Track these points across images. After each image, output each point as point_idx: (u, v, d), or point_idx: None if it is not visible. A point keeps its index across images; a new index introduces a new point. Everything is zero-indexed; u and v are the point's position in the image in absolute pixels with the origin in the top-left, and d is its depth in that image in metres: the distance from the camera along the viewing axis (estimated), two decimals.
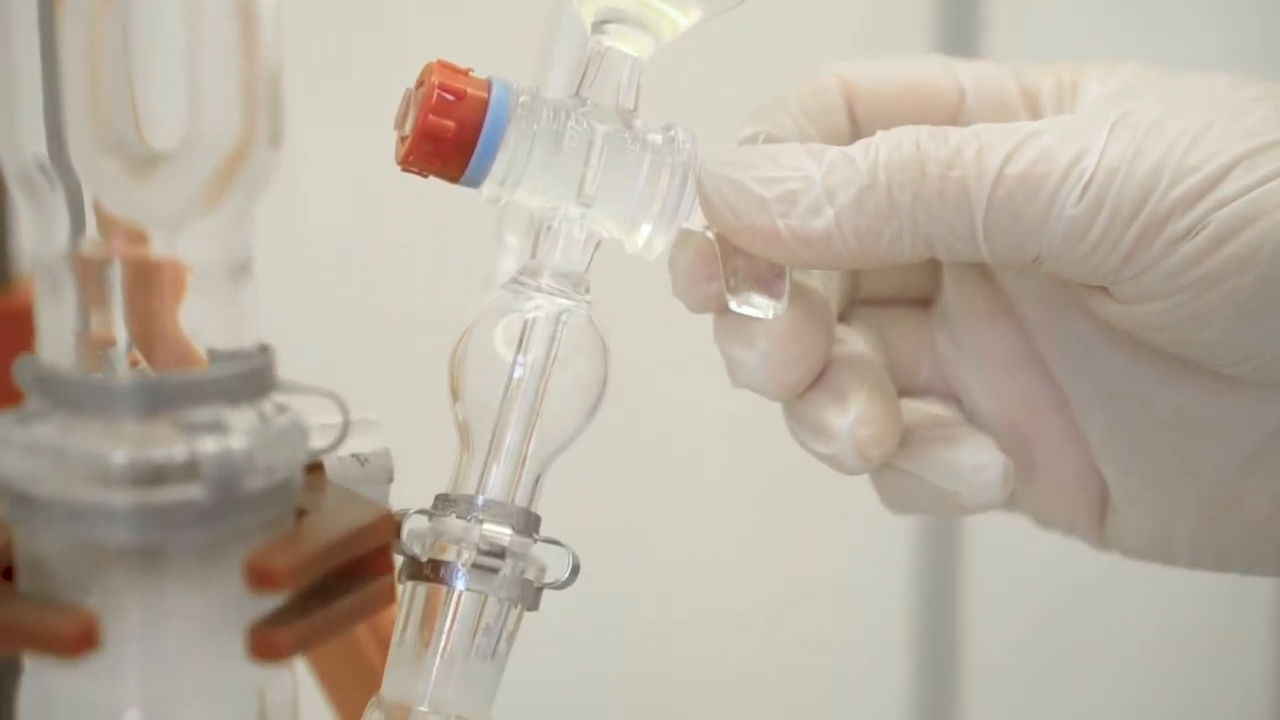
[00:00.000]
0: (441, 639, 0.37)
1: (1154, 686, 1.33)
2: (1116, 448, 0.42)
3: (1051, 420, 0.43)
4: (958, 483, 0.41)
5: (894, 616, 1.26)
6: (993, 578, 1.27)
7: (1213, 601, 1.32)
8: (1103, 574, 1.29)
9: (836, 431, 0.40)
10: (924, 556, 1.26)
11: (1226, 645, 1.33)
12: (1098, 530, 0.43)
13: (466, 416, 0.39)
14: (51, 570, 0.31)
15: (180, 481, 0.31)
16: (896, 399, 0.41)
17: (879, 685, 1.27)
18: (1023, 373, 0.43)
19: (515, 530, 0.38)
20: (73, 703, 0.32)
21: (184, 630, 0.32)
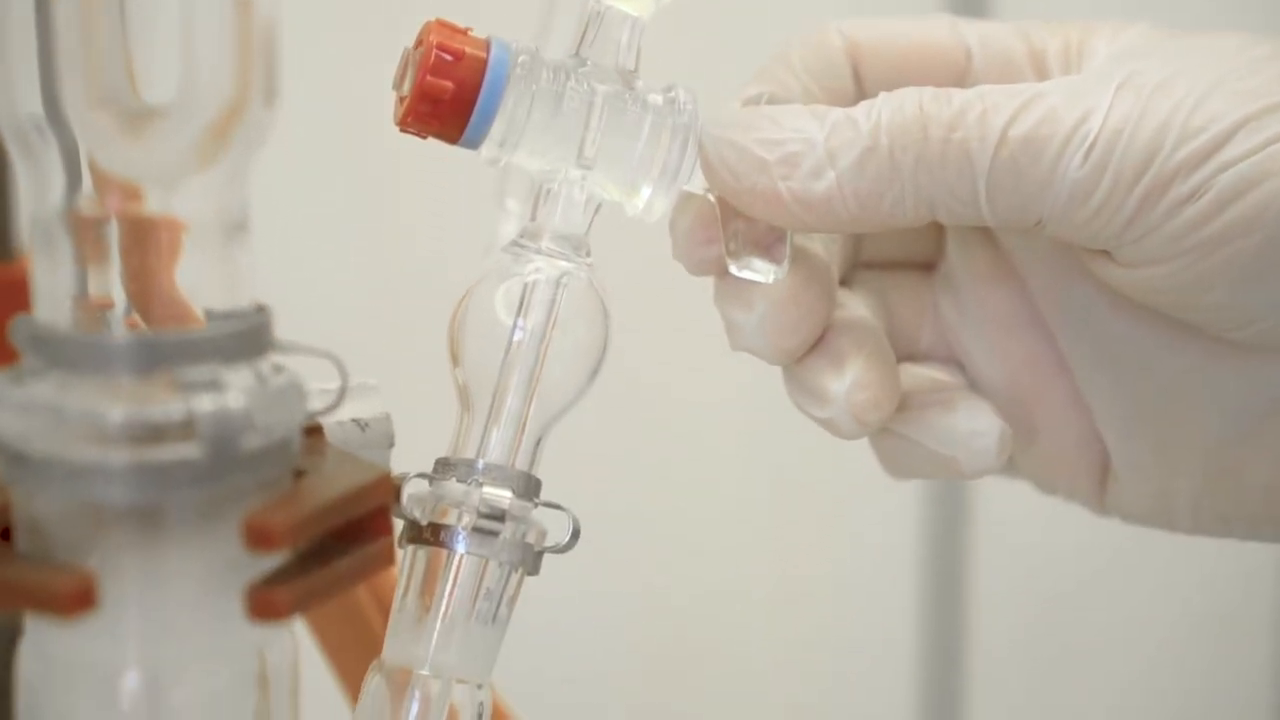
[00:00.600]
0: (442, 603, 0.37)
1: (1158, 681, 1.32)
2: (1118, 413, 0.42)
3: (1053, 385, 0.42)
4: (955, 448, 0.41)
5: (898, 613, 1.26)
6: (996, 573, 1.27)
7: (1217, 594, 1.31)
8: (1106, 568, 1.29)
9: (832, 396, 0.40)
10: (928, 551, 1.25)
11: (1231, 638, 1.32)
12: (1098, 495, 0.43)
13: (466, 380, 0.39)
14: (49, 530, 0.31)
15: (177, 440, 0.30)
16: (895, 364, 0.41)
17: (882, 683, 1.26)
18: (1025, 337, 0.43)
19: (515, 494, 0.38)
20: (72, 663, 0.32)
21: (183, 590, 0.31)
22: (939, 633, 1.27)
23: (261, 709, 0.33)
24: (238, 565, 0.32)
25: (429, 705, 0.37)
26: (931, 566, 1.26)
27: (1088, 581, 1.30)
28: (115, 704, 0.32)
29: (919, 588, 1.26)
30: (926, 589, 1.26)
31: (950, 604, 1.27)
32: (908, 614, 1.26)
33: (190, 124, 0.31)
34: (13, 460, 0.31)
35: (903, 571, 1.25)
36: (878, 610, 1.26)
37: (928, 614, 1.27)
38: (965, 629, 1.28)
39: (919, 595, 1.26)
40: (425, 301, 0.56)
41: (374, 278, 1.05)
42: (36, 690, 0.33)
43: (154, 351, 0.30)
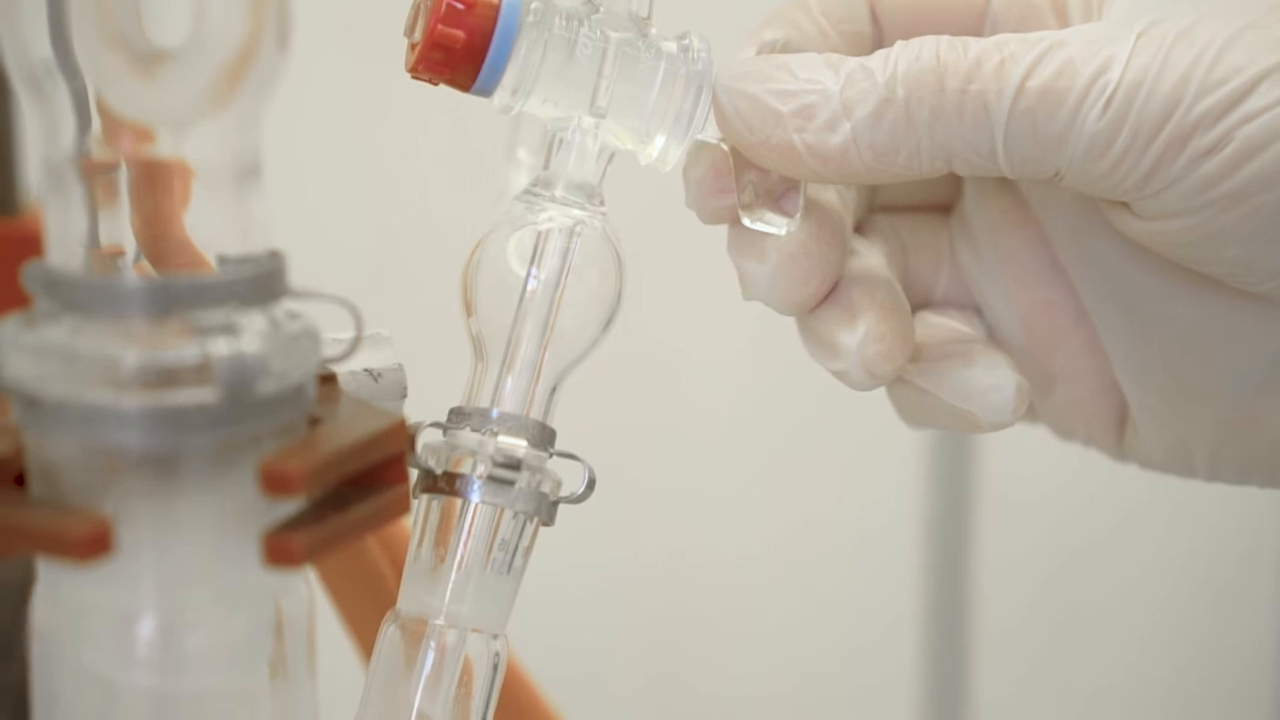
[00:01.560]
0: (457, 552, 0.37)
1: (1162, 644, 1.32)
2: (1136, 361, 0.41)
3: (1071, 331, 0.42)
4: (971, 402, 0.41)
5: (904, 579, 1.25)
6: (1002, 540, 1.27)
7: (1221, 558, 1.31)
8: (1109, 535, 1.29)
9: (845, 348, 0.40)
10: (933, 518, 1.25)
11: (1235, 601, 1.32)
12: (1116, 443, 0.43)
13: (480, 330, 0.38)
14: (63, 476, 0.31)
15: (192, 384, 0.30)
16: (909, 315, 0.41)
17: (888, 650, 1.26)
18: (1043, 282, 0.42)
19: (530, 443, 0.38)
20: (86, 609, 0.31)
21: (198, 536, 0.31)
22: (944, 599, 1.27)
23: (278, 657, 0.33)
24: (253, 511, 0.31)
25: (444, 655, 0.37)
26: (937, 532, 1.26)
27: (1092, 547, 1.29)
28: (130, 651, 0.31)
29: (924, 554, 1.26)
30: (932, 555, 1.26)
31: (955, 570, 1.27)
32: (913, 580, 1.26)
33: (202, 66, 0.30)
34: (27, 404, 0.30)
35: (908, 538, 1.25)
36: (884, 577, 1.26)
37: (933, 580, 1.27)
38: (971, 596, 1.27)
39: (924, 562, 1.26)
40: (437, 252, 0.55)
41: (384, 229, 1.05)
42: (50, 639, 0.33)
43: (169, 295, 0.30)
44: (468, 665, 0.37)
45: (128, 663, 0.31)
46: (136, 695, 0.32)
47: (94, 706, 0.32)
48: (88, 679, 0.32)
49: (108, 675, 0.32)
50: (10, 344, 0.30)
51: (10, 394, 0.31)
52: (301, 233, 0.34)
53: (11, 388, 0.30)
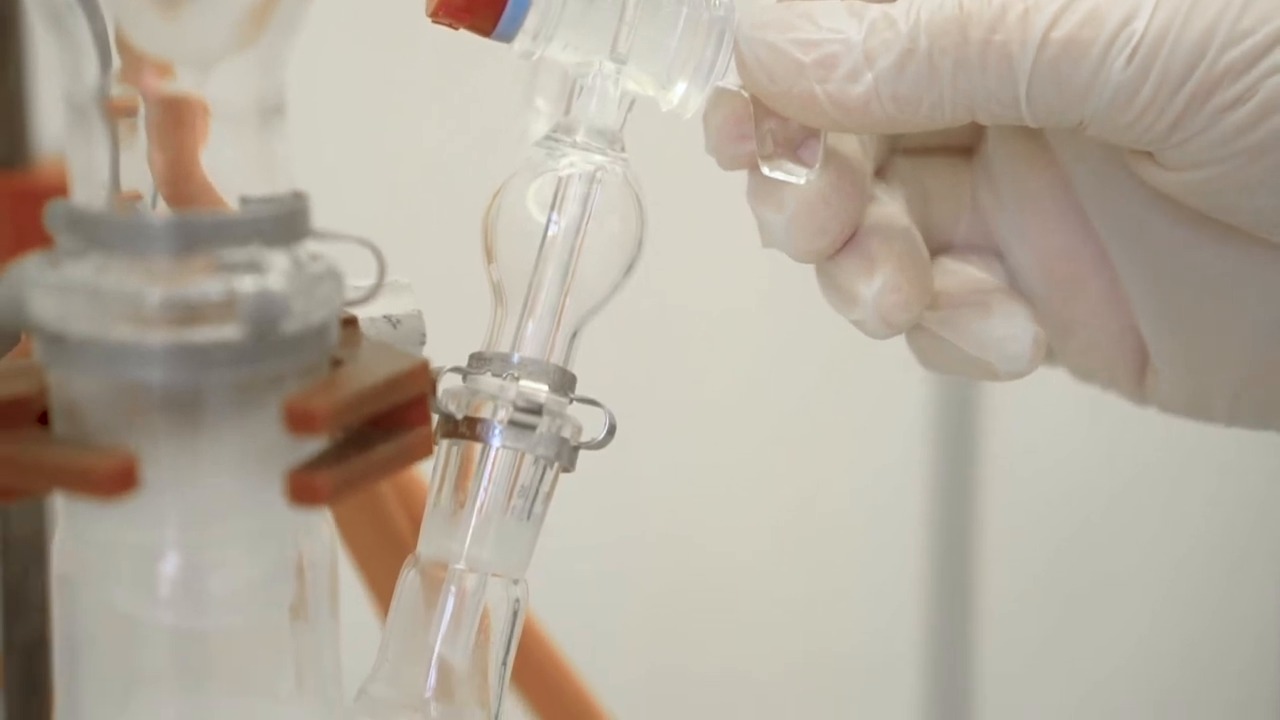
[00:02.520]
0: (478, 497, 0.37)
1: (1175, 617, 1.32)
2: (1157, 307, 0.41)
3: (1092, 276, 0.42)
4: (988, 351, 0.41)
5: (908, 557, 1.25)
6: (1009, 513, 1.26)
7: (1227, 524, 1.31)
8: (1118, 505, 1.29)
9: (862, 298, 0.39)
10: (938, 491, 1.25)
11: (1242, 566, 1.32)
12: (1136, 387, 0.43)
13: (501, 278, 0.38)
14: (87, 414, 0.31)
15: (216, 321, 0.30)
16: (928, 265, 0.41)
17: (892, 625, 1.26)
18: (1065, 227, 0.42)
19: (551, 388, 0.37)
20: (110, 548, 0.31)
21: (221, 475, 0.31)
22: (950, 575, 1.27)
23: (299, 599, 0.33)
24: (277, 451, 0.31)
25: (464, 599, 0.37)
26: (941, 507, 1.26)
27: (1100, 518, 1.29)
28: (153, 589, 0.31)
29: (929, 530, 1.26)
30: (937, 530, 1.26)
31: (961, 545, 1.27)
32: (918, 557, 1.26)
33: (228, 3, 0.30)
34: (50, 342, 0.30)
35: (912, 514, 1.25)
36: (889, 554, 1.25)
37: (938, 556, 1.27)
38: (977, 571, 1.27)
39: (929, 538, 1.26)
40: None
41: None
42: (72, 581, 0.33)
43: (193, 232, 0.30)
44: (487, 610, 0.37)
45: (150, 601, 0.31)
46: (158, 634, 0.32)
47: (116, 646, 0.32)
48: (110, 619, 0.32)
49: (130, 614, 0.31)
50: (34, 282, 0.30)
51: (34, 332, 0.30)
52: (318, 180, 0.33)
53: (35, 326, 0.30)
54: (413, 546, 0.38)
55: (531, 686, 0.49)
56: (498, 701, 0.37)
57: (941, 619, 1.27)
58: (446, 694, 0.37)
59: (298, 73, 0.34)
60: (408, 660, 0.37)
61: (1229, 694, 1.34)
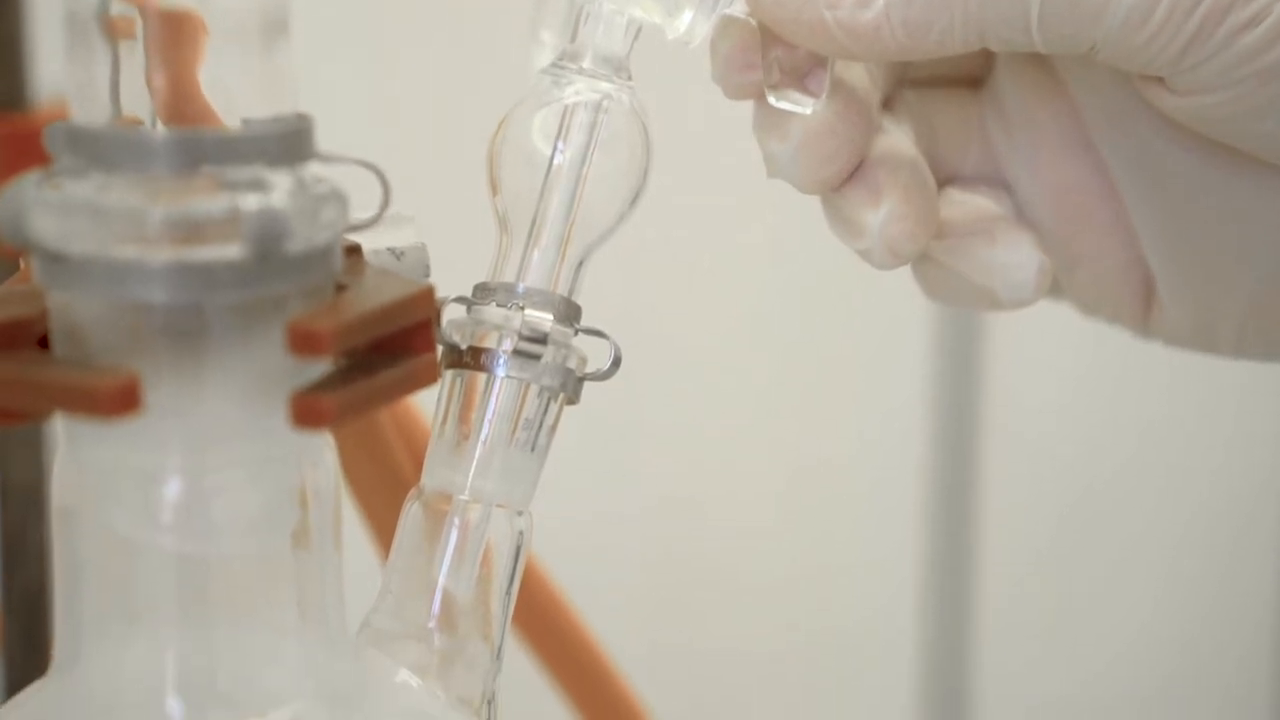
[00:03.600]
0: (482, 428, 0.37)
1: (1174, 585, 1.32)
2: (1164, 238, 0.41)
3: (1100, 207, 0.42)
4: (993, 279, 0.41)
5: (907, 527, 1.25)
6: (1011, 481, 1.26)
7: (1228, 494, 1.31)
8: (1122, 473, 1.28)
9: (868, 228, 0.39)
10: (939, 455, 1.25)
11: (1242, 541, 1.32)
12: (1141, 320, 0.43)
13: (506, 208, 0.38)
14: (88, 335, 0.30)
15: (219, 240, 0.30)
16: (934, 195, 0.40)
17: (889, 604, 1.26)
18: (1073, 158, 0.42)
19: (556, 318, 0.37)
20: (112, 471, 0.31)
21: (225, 398, 0.31)
22: (951, 546, 1.27)
23: (302, 529, 0.33)
24: (280, 375, 0.31)
25: (468, 531, 0.37)
26: (943, 471, 1.26)
27: (1101, 488, 1.29)
28: (155, 515, 0.31)
29: (930, 496, 1.25)
30: (937, 497, 1.26)
31: (961, 515, 1.26)
32: (917, 527, 1.25)
33: None
34: (50, 262, 0.30)
35: (911, 479, 1.25)
36: (887, 523, 1.25)
37: (939, 527, 1.26)
38: (977, 539, 1.27)
39: (929, 506, 1.26)
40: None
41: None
42: (74, 513, 0.32)
43: (196, 149, 0.30)
44: (490, 543, 0.37)
45: (152, 525, 0.31)
46: (159, 561, 0.31)
47: (117, 575, 0.32)
48: (111, 547, 0.32)
49: (131, 538, 0.31)
50: (33, 202, 0.30)
51: (33, 252, 0.30)
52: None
53: (35, 245, 0.30)
54: (415, 485, 0.38)
55: (532, 627, 0.49)
56: (501, 633, 0.37)
57: (941, 591, 1.27)
58: (450, 625, 0.36)
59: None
60: (411, 592, 0.37)
61: (1230, 674, 1.33)
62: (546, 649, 0.49)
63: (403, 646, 0.36)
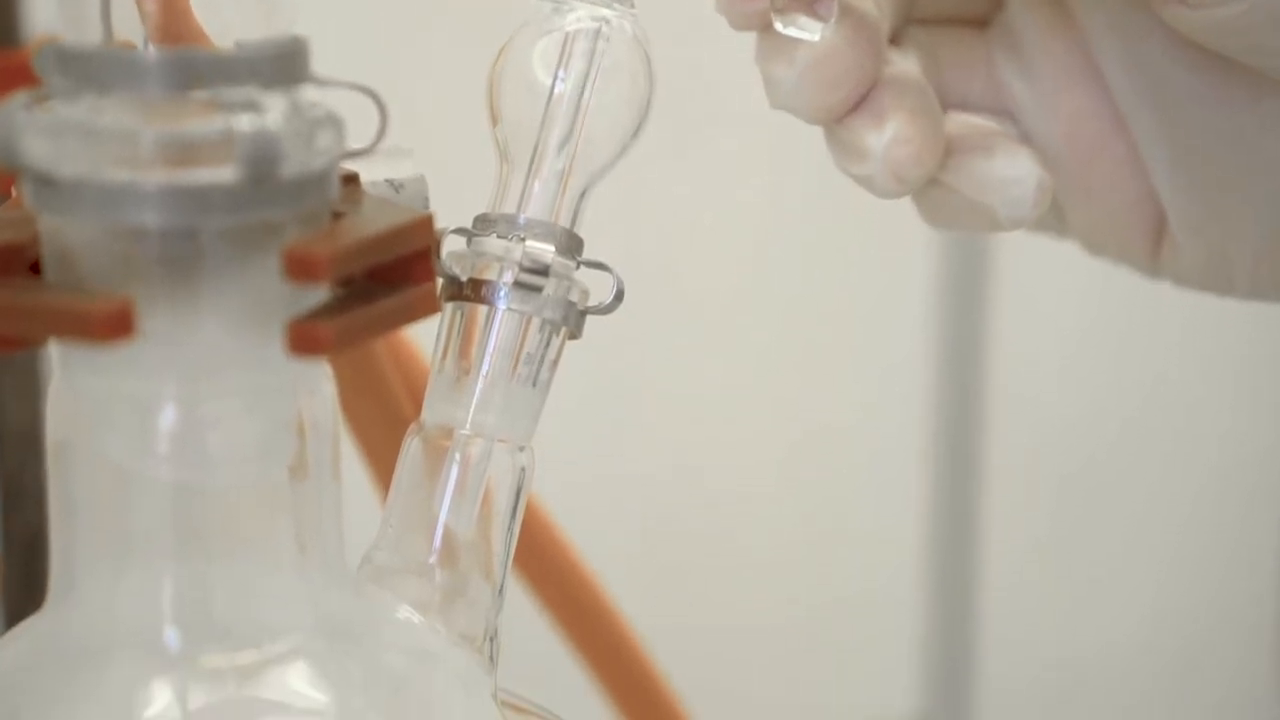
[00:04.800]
0: (483, 362, 0.36)
1: (1179, 550, 1.31)
2: (1176, 170, 0.40)
3: (1110, 142, 0.41)
4: (991, 196, 0.40)
5: (910, 494, 1.24)
6: (1014, 446, 1.25)
7: (1234, 458, 1.30)
8: (1125, 438, 1.28)
9: (871, 150, 0.38)
10: (941, 421, 1.24)
11: (1247, 509, 1.31)
12: (1151, 258, 0.42)
13: (507, 138, 0.37)
14: (80, 261, 0.30)
15: (213, 163, 0.29)
16: (941, 121, 0.40)
17: (892, 567, 1.25)
18: (1082, 91, 0.41)
19: (558, 250, 0.37)
20: (106, 400, 0.30)
21: (220, 326, 0.30)
22: (954, 513, 1.26)
23: (300, 460, 0.32)
24: (276, 303, 0.30)
25: (469, 465, 0.36)
26: (945, 435, 1.25)
27: (1104, 452, 1.28)
28: (151, 444, 0.31)
29: (932, 464, 1.25)
30: (941, 463, 1.25)
31: (965, 481, 1.26)
32: (920, 495, 1.25)
33: None
34: (41, 185, 0.29)
35: (914, 445, 1.24)
36: (890, 491, 1.24)
37: (942, 493, 1.26)
38: (979, 509, 1.26)
39: (933, 474, 1.25)
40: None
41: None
42: (69, 446, 0.32)
43: (189, 68, 0.29)
44: (491, 478, 0.37)
45: (147, 455, 0.30)
46: (155, 492, 0.31)
47: (112, 508, 0.31)
48: (106, 479, 0.31)
49: (126, 468, 0.31)
50: (23, 124, 0.29)
51: (23, 175, 0.29)
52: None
53: (25, 168, 0.29)
54: (414, 423, 0.37)
55: (532, 567, 0.48)
56: (503, 570, 0.37)
57: (945, 558, 1.27)
58: (451, 561, 0.36)
59: None
60: (411, 528, 0.36)
61: (1238, 639, 1.33)
62: (547, 590, 0.48)
63: (403, 582, 0.36)
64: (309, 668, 0.31)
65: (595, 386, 1.11)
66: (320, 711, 0.32)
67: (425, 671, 0.33)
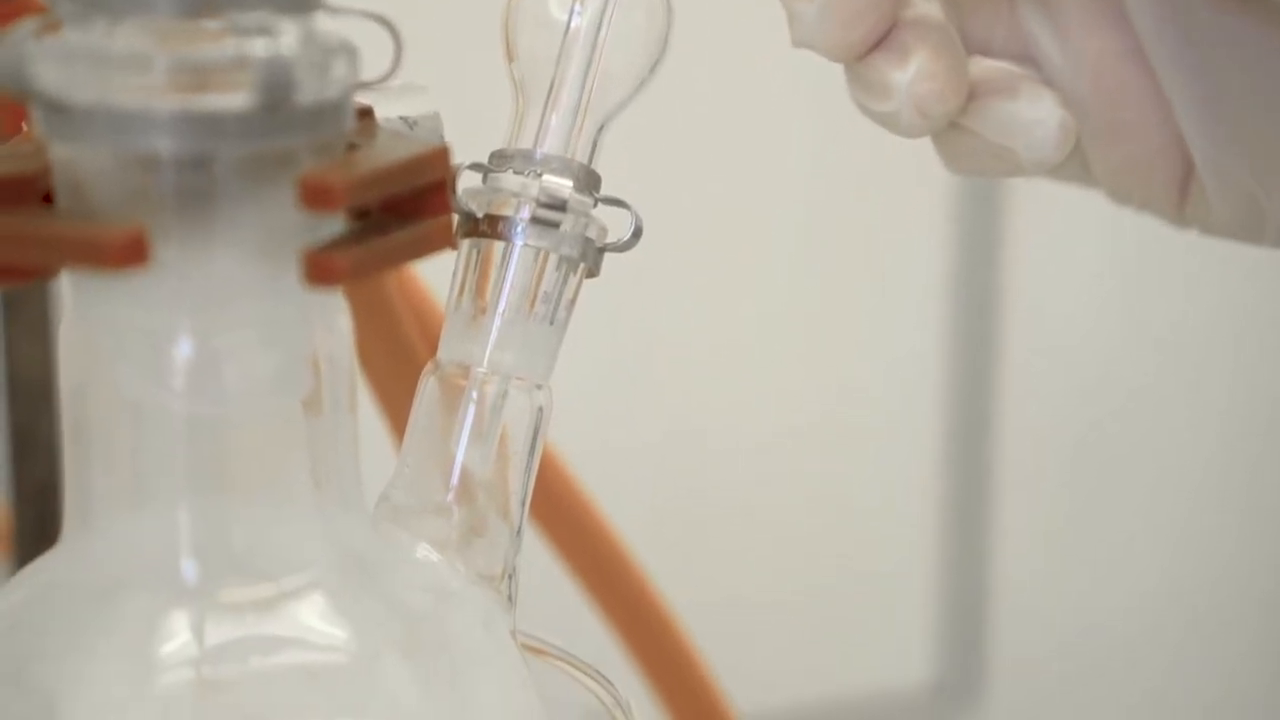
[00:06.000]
0: (500, 299, 0.36)
1: (1197, 506, 1.31)
2: (1205, 113, 0.40)
3: (1136, 86, 0.40)
4: (1013, 138, 0.39)
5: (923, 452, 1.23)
6: (1026, 411, 1.25)
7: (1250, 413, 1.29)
8: (1136, 405, 1.27)
9: (895, 86, 0.38)
10: (955, 383, 1.23)
11: (1268, 460, 1.31)
12: (1177, 206, 0.41)
13: (523, 74, 0.37)
14: (93, 190, 0.29)
15: (227, 89, 0.29)
16: (964, 58, 0.39)
17: (907, 531, 1.25)
18: (1106, 32, 0.40)
19: (576, 186, 0.36)
20: (120, 332, 0.30)
21: (235, 256, 0.30)
22: (967, 479, 1.26)
23: (315, 395, 0.32)
24: (291, 233, 0.30)
25: (485, 404, 0.36)
26: (960, 400, 1.24)
27: (1115, 420, 1.27)
28: (165, 378, 0.30)
29: (945, 437, 1.24)
30: (955, 434, 1.24)
31: (979, 436, 1.25)
32: (934, 467, 1.24)
33: None
34: (53, 112, 0.29)
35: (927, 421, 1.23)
36: (903, 462, 1.24)
37: (955, 465, 1.25)
38: (992, 476, 1.26)
39: (945, 445, 1.24)
40: None
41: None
42: (82, 379, 0.31)
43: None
44: (508, 418, 0.36)
45: (161, 387, 0.30)
46: (169, 423, 0.31)
47: (126, 437, 0.31)
48: (121, 415, 0.31)
49: (140, 401, 0.30)
50: (34, 50, 0.29)
51: (35, 101, 0.29)
52: None
53: (37, 95, 0.29)
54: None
55: (547, 514, 0.48)
56: (521, 510, 0.36)
57: (959, 528, 1.26)
58: (468, 500, 0.36)
59: None
60: (428, 467, 0.36)
61: (1260, 588, 1.32)
62: (562, 537, 0.48)
63: (421, 521, 0.35)
64: (326, 602, 0.31)
65: (603, 356, 1.11)
66: (338, 647, 0.31)
67: (444, 608, 0.33)
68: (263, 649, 0.30)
